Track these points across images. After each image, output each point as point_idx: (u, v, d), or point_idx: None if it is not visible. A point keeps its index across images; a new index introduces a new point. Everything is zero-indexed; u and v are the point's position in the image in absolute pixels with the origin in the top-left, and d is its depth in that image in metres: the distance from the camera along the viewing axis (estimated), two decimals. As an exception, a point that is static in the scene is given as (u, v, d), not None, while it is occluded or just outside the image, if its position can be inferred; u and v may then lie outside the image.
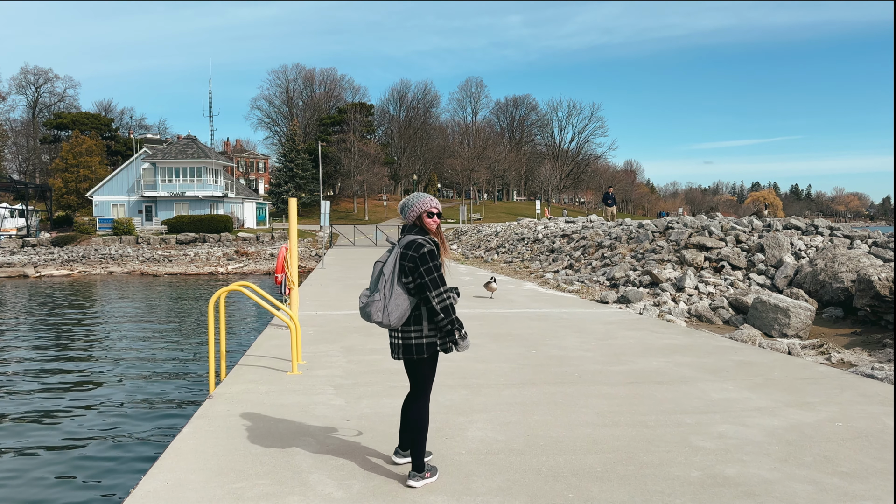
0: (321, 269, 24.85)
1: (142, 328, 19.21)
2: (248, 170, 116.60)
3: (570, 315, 12.16)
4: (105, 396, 11.21)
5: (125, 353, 15.28)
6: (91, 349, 15.84)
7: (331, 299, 14.56)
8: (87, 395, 11.28)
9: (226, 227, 54.16)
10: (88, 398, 11.09)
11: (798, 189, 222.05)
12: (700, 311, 13.57)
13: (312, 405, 5.95)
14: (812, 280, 14.91)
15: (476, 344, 9.00)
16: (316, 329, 10.31)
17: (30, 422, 9.78)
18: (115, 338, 17.65)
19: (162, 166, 61.35)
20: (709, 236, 18.59)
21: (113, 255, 48.29)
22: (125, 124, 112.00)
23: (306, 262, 45.11)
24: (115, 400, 10.96)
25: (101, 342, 16.94)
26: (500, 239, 37.18)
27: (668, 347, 8.86)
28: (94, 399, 11.03)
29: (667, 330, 10.55)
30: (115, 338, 17.65)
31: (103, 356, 14.93)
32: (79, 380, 12.48)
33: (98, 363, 14.15)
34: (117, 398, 11.06)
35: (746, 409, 5.89)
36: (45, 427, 9.50)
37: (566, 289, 17.32)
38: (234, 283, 7.26)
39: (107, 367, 13.72)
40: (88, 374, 13.09)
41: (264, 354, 8.28)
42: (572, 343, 9.14)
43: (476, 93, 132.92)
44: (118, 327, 19.52)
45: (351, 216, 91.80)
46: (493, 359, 8.05)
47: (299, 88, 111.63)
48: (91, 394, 11.39)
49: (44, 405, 10.68)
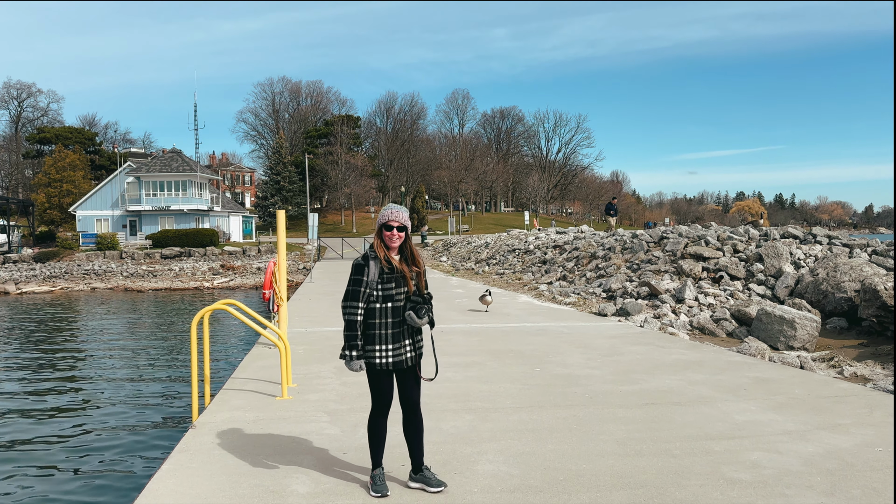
0: (309, 282, 24.29)
1: (123, 347, 18.55)
2: (235, 183, 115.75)
3: (570, 329, 11.71)
4: (79, 425, 10.44)
5: (104, 374, 14.62)
6: (68, 371, 15.18)
7: (320, 315, 14.02)
8: (60, 423, 10.58)
9: (211, 241, 53.40)
10: (62, 426, 10.41)
11: (782, 198, 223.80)
12: (703, 324, 13.16)
13: (305, 435, 5.44)
14: (814, 290, 14.56)
15: (476, 362, 8.52)
16: (306, 348, 9.79)
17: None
18: (95, 358, 17.00)
19: (146, 180, 60.55)
20: (706, 246, 18.25)
21: (96, 270, 47.40)
22: (109, 138, 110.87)
23: (294, 275, 44.46)
24: (91, 428, 10.21)
25: (79, 363, 16.28)
26: (491, 250, 36.76)
27: (678, 363, 8.42)
28: (69, 427, 10.32)
29: (672, 344, 10.12)
30: (95, 358, 17.00)
31: (80, 378, 14.27)
32: (54, 405, 11.81)
33: (74, 386, 13.47)
34: (93, 426, 10.34)
35: (776, 433, 5.45)
36: (5, 462, 8.75)
37: (562, 301, 16.88)
38: (218, 302, 6.75)
39: (84, 390, 13.05)
40: (64, 398, 12.41)
41: (252, 377, 7.76)
42: (577, 360, 8.68)
43: (463, 104, 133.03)
44: (98, 346, 18.85)
45: (339, 229, 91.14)
46: (496, 378, 7.56)
47: (285, 101, 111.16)
48: (65, 422, 10.67)
49: (9, 434, 10.00)
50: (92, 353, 17.83)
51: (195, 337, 6.49)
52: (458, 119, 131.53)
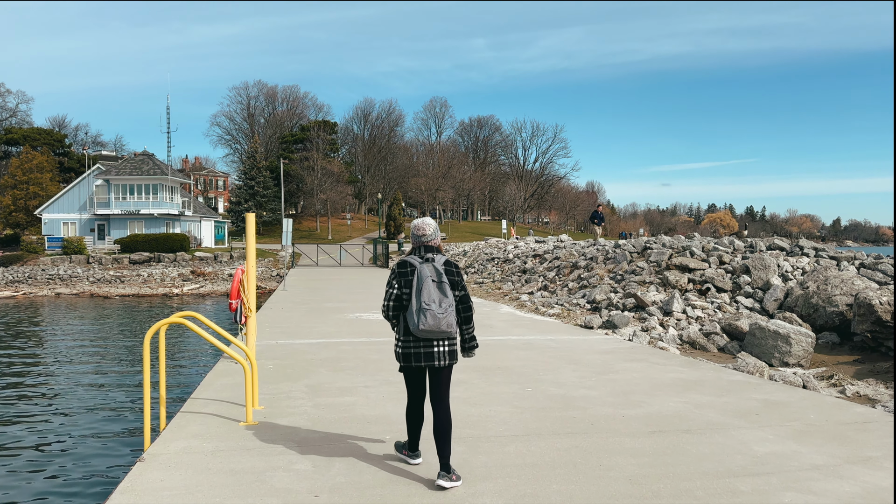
0: (282, 290, 23.44)
1: (79, 358, 17.54)
2: (208, 188, 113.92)
3: (557, 343, 11.10)
4: (13, 456, 9.31)
5: (55, 389, 13.60)
6: (15, 387, 14.18)
7: (293, 326, 13.25)
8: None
9: (182, 246, 52.10)
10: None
11: (753, 211, 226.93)
12: (693, 338, 12.64)
13: (270, 472, 4.72)
14: (804, 303, 14.15)
15: (462, 381, 7.85)
16: (276, 363, 9.04)
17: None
18: (47, 370, 15.99)
19: (116, 183, 59.02)
20: (691, 257, 17.81)
21: (61, 275, 45.91)
22: (80, 141, 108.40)
23: (267, 282, 43.42)
24: (25, 462, 9.06)
25: (30, 376, 15.26)
26: (469, 259, 36.16)
27: (678, 383, 7.83)
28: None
29: (667, 361, 9.55)
30: (47, 370, 15.99)
31: (28, 397, 13.26)
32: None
33: (17, 407, 12.44)
34: (28, 459, 9.21)
35: (804, 469, 4.85)
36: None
37: (546, 312, 16.29)
38: (175, 315, 6.01)
39: (29, 411, 12.02)
40: (3, 420, 11.44)
41: (214, 396, 6.99)
42: (570, 378, 8.05)
43: (440, 113, 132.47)
44: (52, 358, 17.82)
45: (314, 235, 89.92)
46: (485, 400, 6.89)
47: (261, 105, 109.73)
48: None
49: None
50: (46, 364, 16.81)
51: (148, 355, 5.73)
52: (436, 127, 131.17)
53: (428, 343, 4.53)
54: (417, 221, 4.79)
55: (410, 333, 4.56)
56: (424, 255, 4.64)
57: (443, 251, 4.79)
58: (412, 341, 4.56)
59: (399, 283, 4.57)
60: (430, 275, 4.51)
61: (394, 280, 4.61)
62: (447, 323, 4.44)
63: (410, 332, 4.54)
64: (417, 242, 4.75)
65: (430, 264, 4.56)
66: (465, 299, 4.65)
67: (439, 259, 4.62)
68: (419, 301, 4.44)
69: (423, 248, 4.70)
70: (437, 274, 4.53)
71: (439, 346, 4.54)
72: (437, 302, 4.44)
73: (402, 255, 4.71)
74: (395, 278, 4.61)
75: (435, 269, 4.55)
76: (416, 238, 4.76)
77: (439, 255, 4.66)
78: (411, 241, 4.82)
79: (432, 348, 4.53)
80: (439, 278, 4.52)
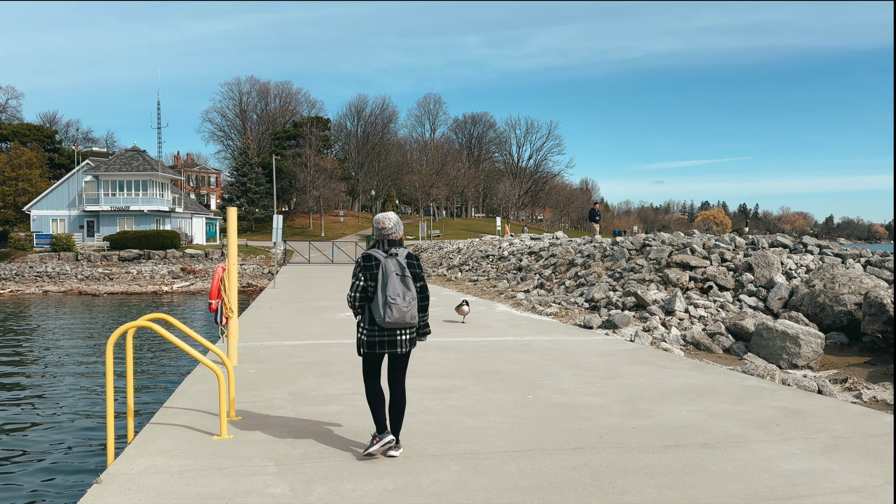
0: (273, 288, 22.86)
1: (52, 361, 16.89)
2: (200, 184, 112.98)
3: (556, 344, 10.58)
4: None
5: (19, 397, 12.86)
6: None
7: (281, 325, 12.69)
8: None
9: (172, 243, 51.38)
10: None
11: (746, 208, 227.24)
12: (697, 339, 12.14)
13: (242, 497, 4.17)
14: (810, 302, 13.68)
15: (458, 386, 7.31)
16: (260, 366, 8.48)
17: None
18: (19, 374, 15.35)
19: (105, 179, 58.20)
20: (691, 254, 17.32)
21: (49, 272, 45.17)
22: (70, 137, 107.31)
23: (258, 279, 42.82)
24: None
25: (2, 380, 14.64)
26: (464, 256, 35.61)
27: (689, 389, 7.32)
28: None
29: (674, 364, 9.04)
30: (19, 374, 15.35)
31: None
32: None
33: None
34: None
35: (840, 491, 4.34)
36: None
37: (543, 311, 15.77)
38: (143, 318, 5.45)
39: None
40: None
41: (189, 405, 6.43)
42: (572, 383, 7.52)
43: (434, 109, 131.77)
44: (26, 359, 17.19)
45: (307, 232, 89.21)
46: (482, 409, 6.36)
47: (253, 101, 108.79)
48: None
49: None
50: (19, 364, 16.20)
51: (112, 362, 5.18)
52: (430, 124, 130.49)
53: (391, 332, 4.87)
54: (379, 216, 5.03)
55: (376, 324, 4.84)
56: (388, 250, 4.91)
57: (404, 243, 5.07)
58: (377, 331, 4.86)
59: (365, 277, 4.84)
60: (394, 269, 4.79)
61: (360, 273, 4.87)
62: (411, 315, 4.77)
63: (376, 322, 4.82)
64: (380, 236, 5.01)
65: (394, 259, 4.83)
66: (424, 289, 5.02)
67: (402, 253, 4.90)
68: (385, 295, 4.72)
69: (385, 241, 4.97)
70: (401, 268, 4.81)
71: (401, 335, 4.90)
72: (401, 296, 4.74)
73: (367, 249, 4.69)
74: (360, 271, 4.87)
75: (398, 263, 4.82)
76: (379, 232, 5.01)
77: (402, 249, 4.94)
78: (374, 235, 5.09)
79: (395, 337, 4.88)
80: (402, 272, 4.80)
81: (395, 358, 5.00)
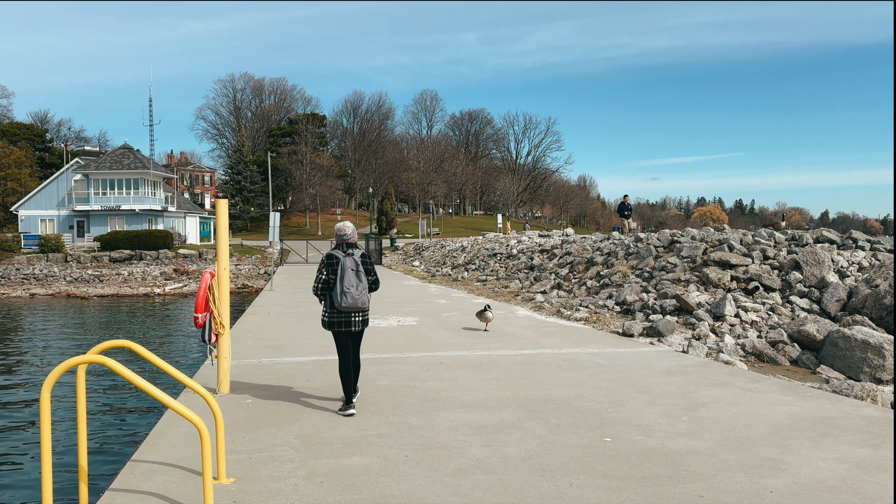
0: (270, 290, 21.26)
1: (19, 383, 15.28)
2: (194, 183, 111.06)
3: (604, 358, 9.03)
4: None
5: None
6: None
7: (281, 336, 11.12)
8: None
9: (165, 243, 49.68)
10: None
11: (742, 204, 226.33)
12: (759, 349, 10.61)
13: None
14: (875, 304, 12.20)
15: (510, 423, 5.76)
16: (257, 394, 6.91)
17: None
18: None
19: (95, 178, 56.42)
20: (730, 252, 15.80)
21: (37, 274, 43.45)
22: (62, 136, 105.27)
23: (254, 280, 41.19)
24: None
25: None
26: (469, 255, 34.05)
27: (800, 423, 5.79)
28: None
29: (756, 384, 7.51)
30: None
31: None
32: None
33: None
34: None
35: None
36: None
37: (571, 316, 14.22)
38: (93, 350, 3.89)
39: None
40: None
41: (165, 460, 4.86)
42: (651, 416, 5.98)
43: (431, 106, 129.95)
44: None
45: (303, 231, 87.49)
46: (554, 461, 4.79)
47: (247, 98, 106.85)
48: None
49: None
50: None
51: (48, 409, 3.62)
52: (427, 121, 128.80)
53: (347, 315, 6.17)
54: (339, 225, 6.36)
55: (335, 307, 6.17)
56: (346, 250, 6.23)
57: (358, 245, 6.37)
58: (336, 314, 6.18)
59: (327, 271, 6.17)
60: (350, 266, 6.11)
61: (323, 268, 6.21)
62: (362, 301, 6.10)
63: (335, 306, 6.16)
64: (340, 240, 6.33)
65: (351, 257, 6.16)
66: (376, 281, 6.35)
67: (357, 252, 6.24)
68: (342, 286, 6.05)
69: (344, 244, 6.30)
70: (356, 265, 6.14)
71: (355, 316, 6.19)
72: (354, 286, 6.07)
73: (330, 249, 5.80)
74: (324, 267, 6.21)
75: (354, 260, 6.15)
76: (339, 237, 6.34)
77: (357, 250, 6.28)
78: (335, 240, 6.39)
79: (350, 318, 6.18)
80: (357, 268, 6.13)
81: (351, 335, 6.30)
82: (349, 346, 6.21)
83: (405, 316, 14.19)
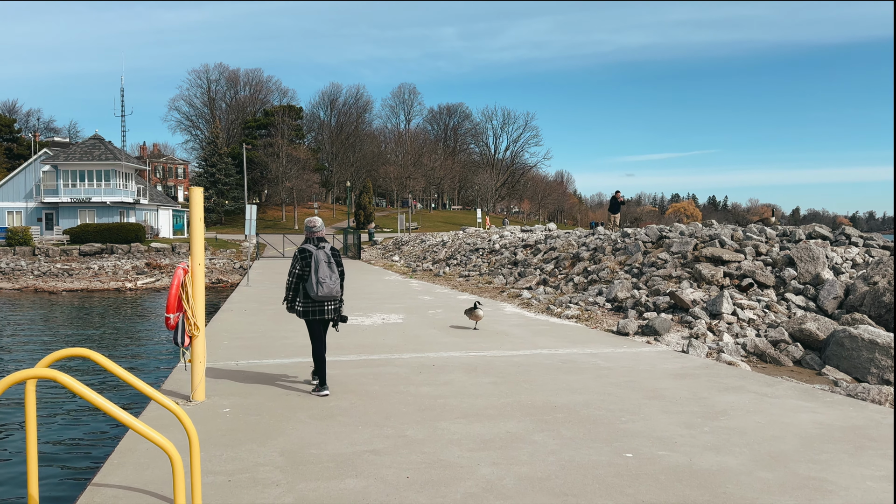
0: (246, 286, 20.53)
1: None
2: (167, 175, 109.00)
3: (605, 360, 8.55)
4: None
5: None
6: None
7: (260, 335, 10.47)
8: None
9: (137, 236, 48.42)
10: None
11: (715, 200, 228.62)
12: (761, 349, 10.22)
13: None
14: (873, 302, 11.89)
15: (517, 435, 5.22)
16: (236, 402, 6.29)
17: None
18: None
19: (65, 169, 54.85)
20: (721, 247, 15.45)
21: (3, 268, 42.05)
22: (31, 126, 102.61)
23: (229, 275, 40.24)
24: None
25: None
26: (450, 249, 33.51)
27: (830, 434, 5.33)
28: None
29: (772, 388, 7.06)
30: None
31: None
32: None
33: None
34: None
35: None
36: None
37: (561, 314, 13.74)
38: (46, 360, 3.27)
39: None
40: None
41: (130, 483, 4.24)
42: (669, 426, 5.49)
43: (409, 99, 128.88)
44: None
45: (279, 225, 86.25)
46: (574, 484, 4.26)
47: (222, 89, 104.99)
48: None
49: None
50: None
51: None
52: (405, 114, 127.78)
53: (321, 303, 6.67)
54: (309, 219, 6.88)
55: (309, 297, 6.64)
56: (318, 244, 6.75)
57: (327, 239, 6.91)
58: (310, 303, 6.67)
59: (301, 265, 6.67)
60: (323, 259, 6.62)
61: (297, 263, 6.71)
62: (336, 290, 6.65)
63: (310, 296, 6.63)
64: (310, 234, 6.84)
65: (323, 250, 6.69)
66: (343, 272, 6.81)
67: (327, 246, 6.82)
68: (317, 276, 6.56)
69: (315, 238, 6.80)
70: (328, 257, 6.67)
71: (328, 305, 6.72)
72: (328, 277, 6.61)
73: (302, 244, 6.71)
74: (297, 261, 6.70)
75: (326, 253, 6.69)
76: (310, 231, 6.86)
77: (326, 243, 6.85)
78: (305, 234, 6.88)
79: (323, 306, 6.70)
80: (329, 260, 6.67)
81: (324, 323, 6.77)
82: (322, 332, 6.70)
83: (389, 313, 13.61)
